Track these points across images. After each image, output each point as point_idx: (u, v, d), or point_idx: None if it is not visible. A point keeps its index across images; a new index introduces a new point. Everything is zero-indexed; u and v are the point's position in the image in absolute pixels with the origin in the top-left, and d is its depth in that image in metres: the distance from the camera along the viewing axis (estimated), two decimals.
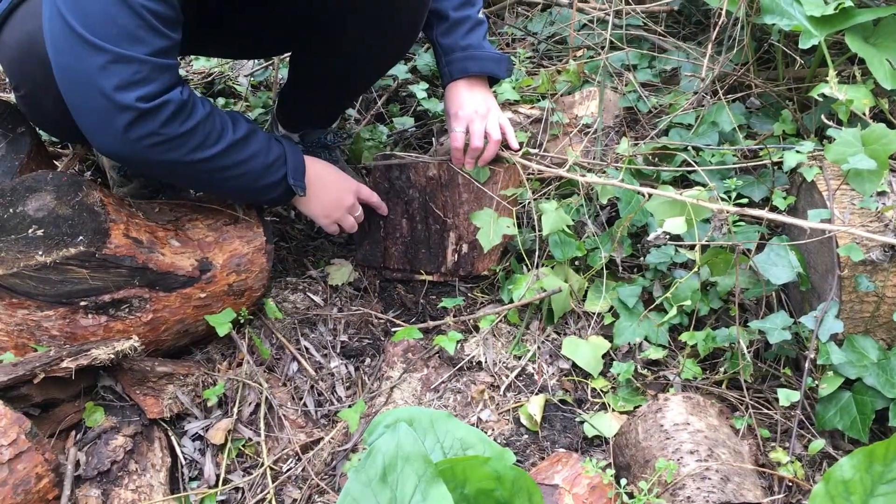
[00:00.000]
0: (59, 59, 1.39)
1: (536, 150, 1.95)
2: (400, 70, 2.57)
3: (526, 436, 1.60)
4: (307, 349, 1.77)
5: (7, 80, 1.62)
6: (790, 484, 1.42)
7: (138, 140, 1.41)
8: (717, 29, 2.02)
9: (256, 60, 2.80)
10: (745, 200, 1.56)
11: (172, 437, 1.55)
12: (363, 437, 1.22)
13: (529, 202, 1.86)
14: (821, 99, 1.75)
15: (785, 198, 1.73)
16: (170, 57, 1.42)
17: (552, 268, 1.82)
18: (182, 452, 1.55)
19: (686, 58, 2.30)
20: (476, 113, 1.82)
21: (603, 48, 2.18)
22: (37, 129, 1.83)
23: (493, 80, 1.91)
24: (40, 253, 1.44)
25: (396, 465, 1.04)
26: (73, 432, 1.47)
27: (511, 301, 1.78)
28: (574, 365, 1.71)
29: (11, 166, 1.72)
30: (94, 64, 1.35)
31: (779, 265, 1.58)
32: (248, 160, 1.57)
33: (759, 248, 1.65)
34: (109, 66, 1.35)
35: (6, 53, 1.53)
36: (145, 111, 1.39)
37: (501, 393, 1.67)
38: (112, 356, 1.46)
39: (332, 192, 1.78)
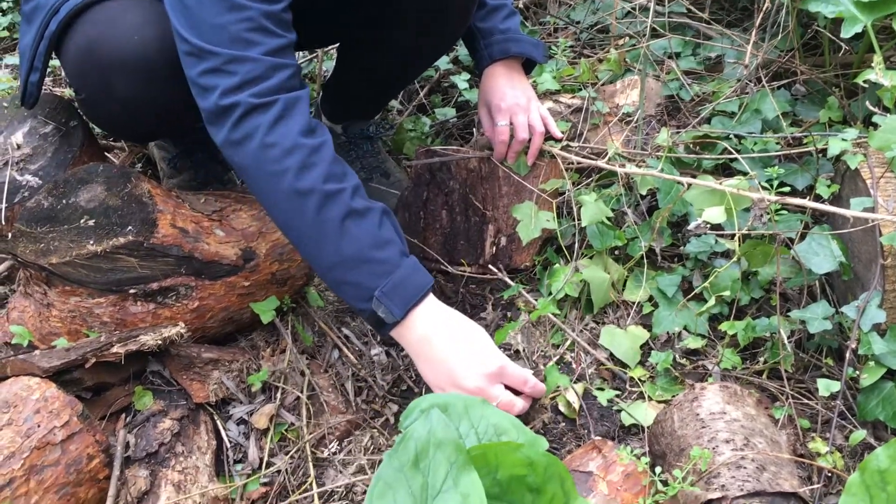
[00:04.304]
0: (186, 72, 1.41)
1: (577, 144, 1.94)
2: (442, 61, 2.58)
3: (563, 423, 1.61)
4: (348, 337, 1.80)
5: (68, 81, 1.67)
6: (829, 474, 1.40)
7: (245, 139, 1.37)
8: (762, 15, 2.00)
9: (301, 53, 2.84)
10: (787, 189, 1.54)
11: (218, 421, 1.60)
12: (400, 421, 1.25)
13: (569, 192, 1.86)
14: (867, 86, 1.72)
15: (829, 186, 1.70)
16: (286, 56, 1.42)
17: (591, 257, 1.83)
18: (227, 436, 1.59)
19: (730, 44, 2.27)
20: (518, 105, 1.83)
21: (644, 36, 2.16)
22: (91, 123, 1.89)
23: (526, 69, 1.91)
24: (91, 242, 1.50)
25: (428, 450, 1.06)
26: (123, 415, 1.53)
27: (550, 294, 1.79)
28: (612, 354, 1.71)
29: (64, 159, 1.79)
30: (208, 67, 1.37)
31: (821, 254, 1.56)
32: (344, 235, 1.38)
33: (803, 237, 1.63)
34: (224, 66, 1.36)
35: (68, 59, 1.59)
36: (256, 105, 1.36)
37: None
38: (160, 342, 1.51)
39: (461, 351, 1.43)
